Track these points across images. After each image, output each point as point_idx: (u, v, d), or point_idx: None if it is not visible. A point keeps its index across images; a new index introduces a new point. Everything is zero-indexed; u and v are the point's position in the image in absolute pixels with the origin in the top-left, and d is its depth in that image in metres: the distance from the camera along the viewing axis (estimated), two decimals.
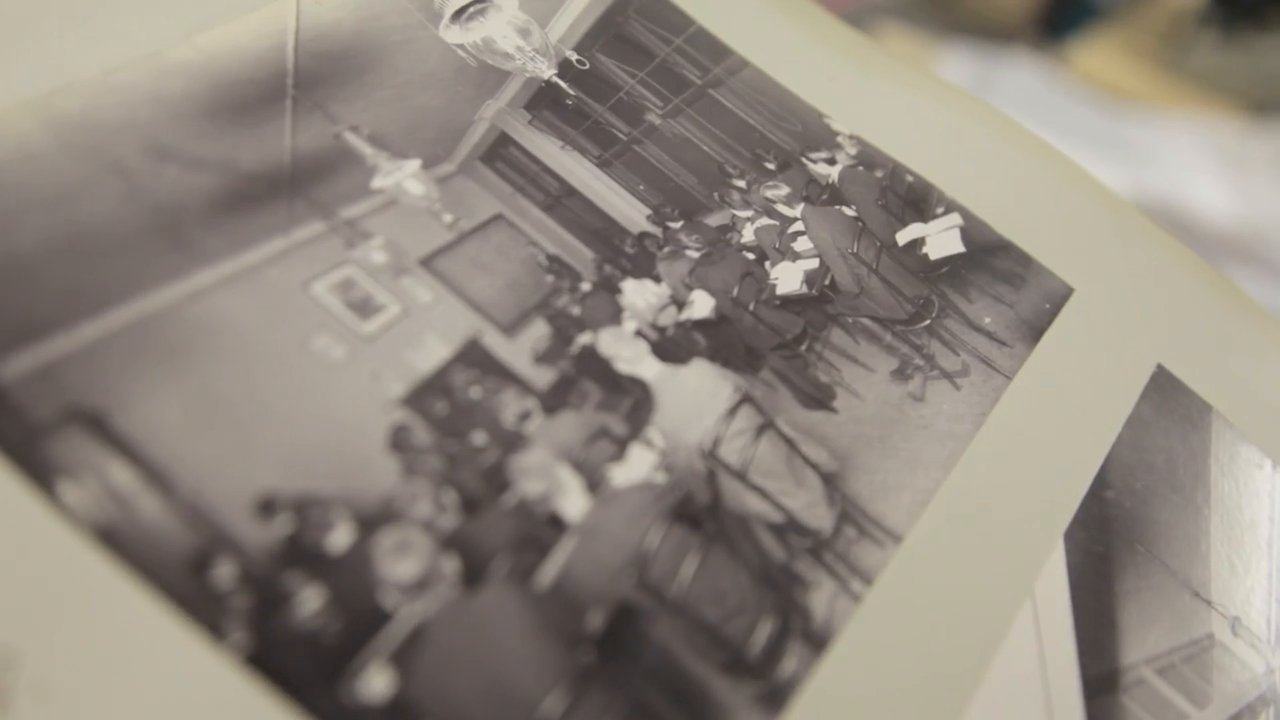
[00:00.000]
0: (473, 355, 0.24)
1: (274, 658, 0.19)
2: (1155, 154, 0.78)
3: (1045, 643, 0.25)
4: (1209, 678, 0.27)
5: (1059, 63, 0.76)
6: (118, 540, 0.19)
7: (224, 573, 0.20)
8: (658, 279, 0.28)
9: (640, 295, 0.27)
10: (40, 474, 0.20)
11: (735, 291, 0.28)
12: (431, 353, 0.24)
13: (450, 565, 0.21)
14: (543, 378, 0.25)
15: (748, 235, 0.30)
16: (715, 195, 0.31)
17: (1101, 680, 0.25)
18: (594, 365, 0.25)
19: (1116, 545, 0.28)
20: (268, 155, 0.25)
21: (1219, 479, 0.30)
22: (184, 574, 0.19)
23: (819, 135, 0.32)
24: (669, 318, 0.27)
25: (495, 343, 0.25)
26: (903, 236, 0.32)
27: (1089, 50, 0.78)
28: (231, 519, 0.20)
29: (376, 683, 0.19)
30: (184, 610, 0.19)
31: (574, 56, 0.30)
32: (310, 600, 0.20)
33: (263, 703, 0.18)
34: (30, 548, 0.19)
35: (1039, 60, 0.76)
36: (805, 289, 0.30)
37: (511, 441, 0.23)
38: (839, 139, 0.33)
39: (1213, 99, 0.78)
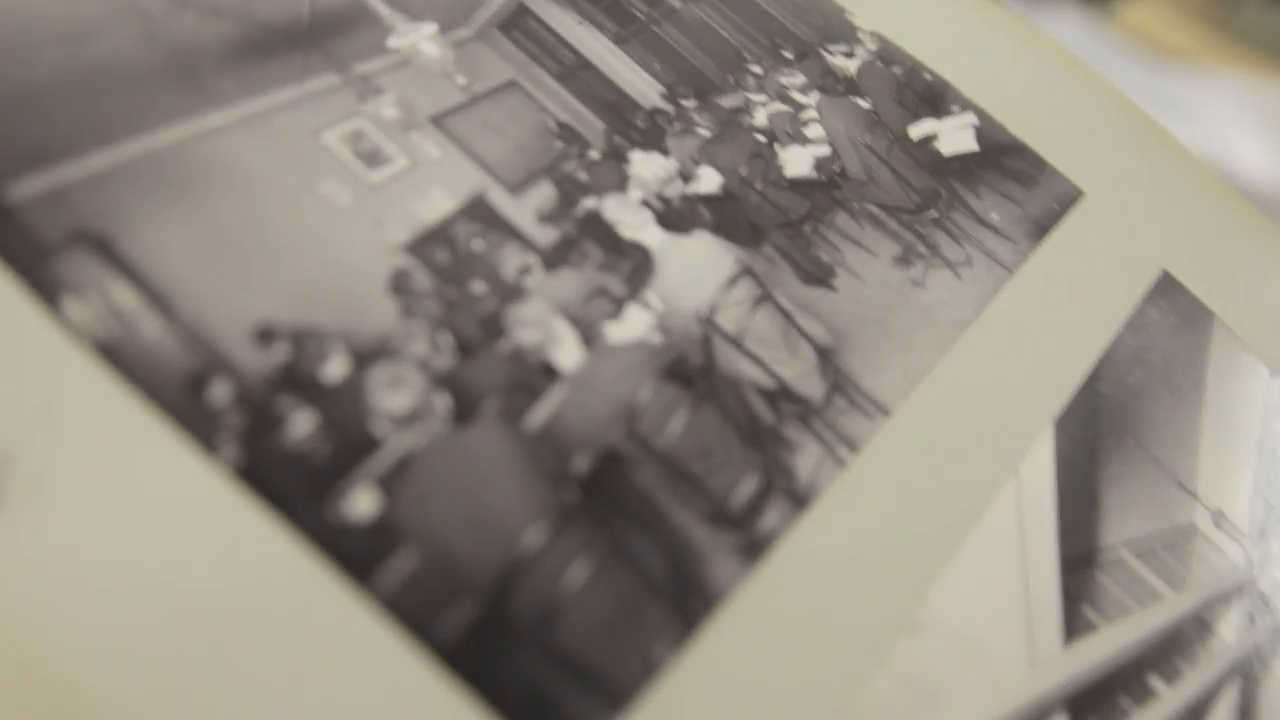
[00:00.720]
0: (477, 210, 0.25)
1: (263, 473, 0.20)
2: (1199, 112, 0.77)
3: (1026, 519, 0.25)
4: (1187, 564, 0.27)
5: (1105, 16, 0.75)
6: (117, 356, 0.20)
7: (219, 392, 0.20)
8: (666, 153, 0.28)
9: (648, 167, 0.28)
10: (45, 289, 0.20)
11: (743, 170, 0.29)
12: (436, 205, 0.25)
13: (442, 402, 0.22)
14: (545, 236, 0.25)
15: (760, 119, 0.30)
16: (730, 79, 0.31)
17: (1079, 558, 0.26)
18: (597, 229, 0.26)
19: (1105, 435, 0.28)
20: (286, 8, 0.26)
21: (1215, 382, 0.30)
22: (180, 391, 0.20)
23: (839, 29, 0.33)
24: (675, 190, 0.27)
25: (500, 200, 0.25)
26: (916, 131, 0.32)
27: (1136, 4, 0.77)
28: (230, 344, 0.21)
29: (362, 503, 0.20)
30: (178, 423, 0.20)
31: None
32: (302, 423, 0.20)
33: (250, 514, 0.19)
34: (31, 357, 0.20)
35: (1085, 12, 0.76)
36: (814, 174, 0.30)
37: (510, 292, 0.24)
38: (859, 34, 0.33)
39: (1260, 58, 0.77)
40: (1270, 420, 0.30)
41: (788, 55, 0.32)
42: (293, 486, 0.20)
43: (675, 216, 0.27)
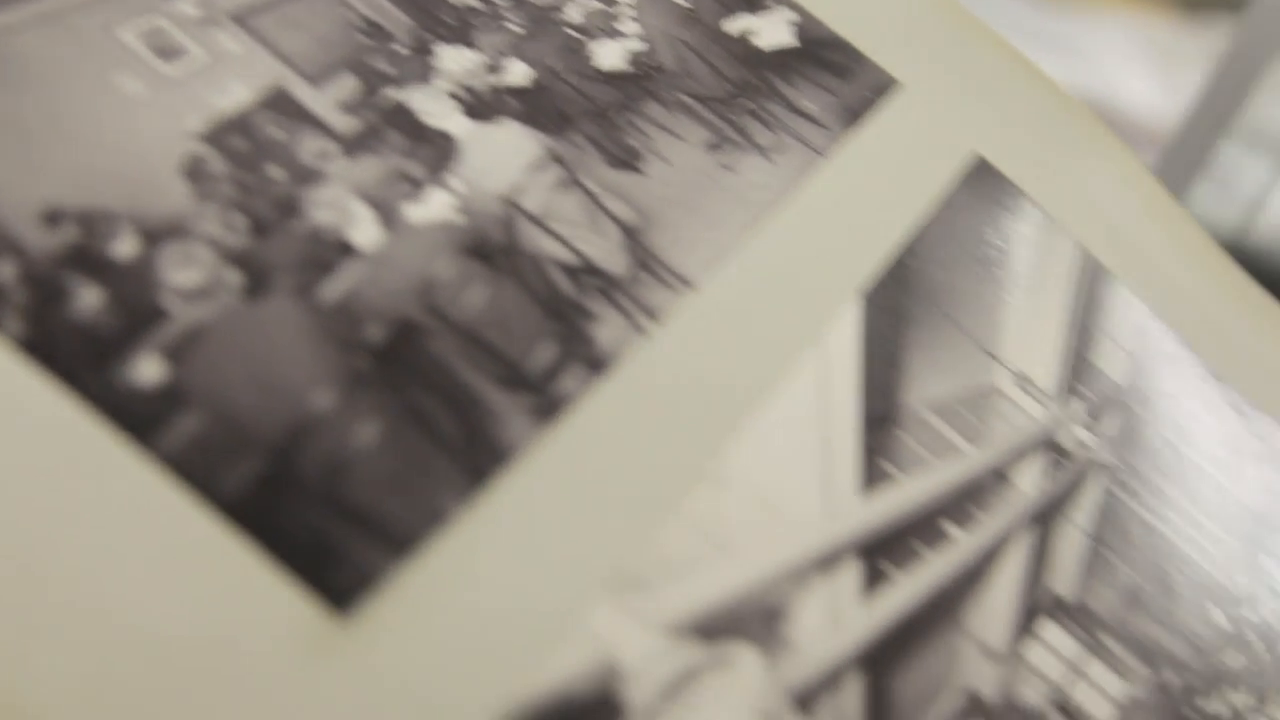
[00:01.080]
0: (276, 101, 0.26)
1: (49, 344, 0.20)
2: (1086, 49, 0.79)
3: (828, 382, 0.27)
4: (988, 421, 0.28)
5: None
6: None
7: (4, 272, 0.21)
8: (474, 46, 0.29)
9: (455, 60, 0.28)
10: None
11: (553, 63, 0.30)
12: (234, 96, 0.25)
13: (233, 277, 0.22)
14: (346, 125, 0.26)
15: (574, 15, 0.31)
16: None
17: (879, 417, 0.27)
18: (400, 118, 0.26)
19: (912, 305, 0.29)
20: None
21: (1024, 257, 0.32)
22: None
23: None
24: (482, 81, 0.28)
25: (301, 91, 0.26)
26: (733, 26, 0.33)
27: None
28: (16, 226, 0.21)
29: (148, 370, 0.20)
30: None
31: None
32: (89, 298, 0.21)
33: (35, 382, 0.20)
34: None
35: None
36: (627, 67, 0.31)
37: (307, 176, 0.24)
38: None
39: None
40: (1077, 293, 0.32)
41: None
42: (78, 355, 0.20)
43: (482, 106, 0.28)
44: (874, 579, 0.24)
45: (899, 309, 0.29)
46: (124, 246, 0.22)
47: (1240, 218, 0.54)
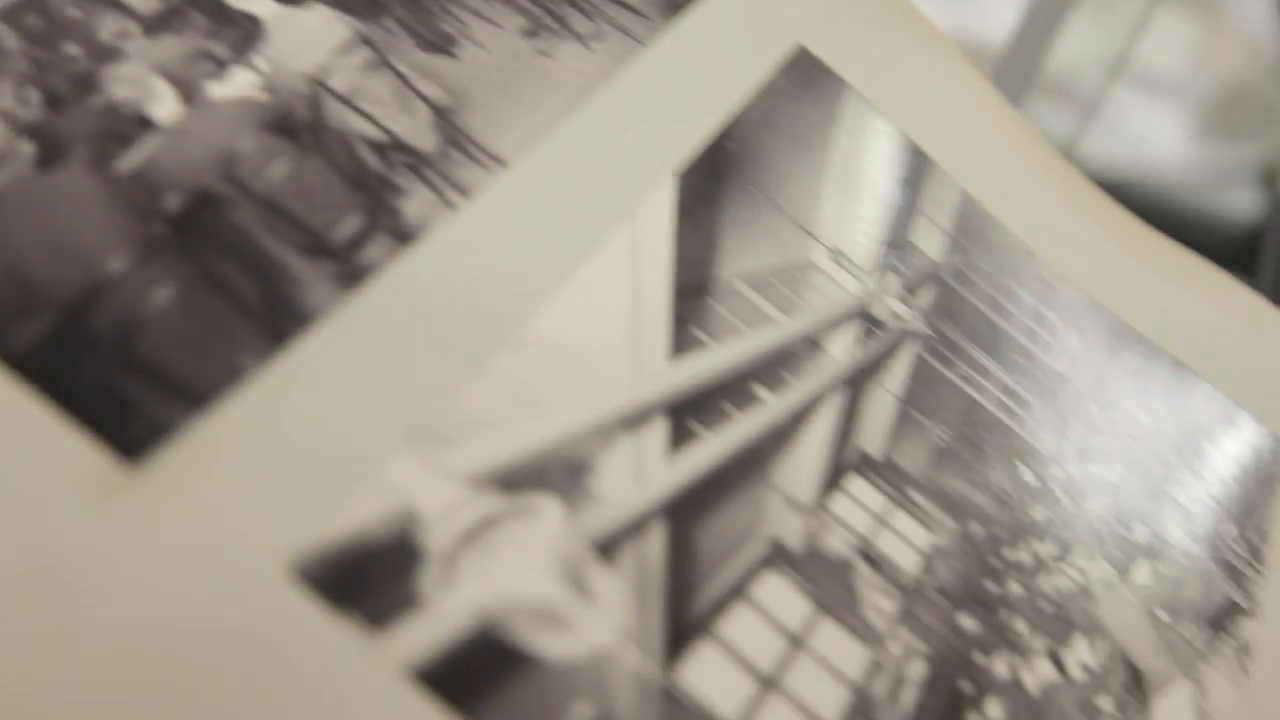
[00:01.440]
0: None
1: None
2: None
3: (640, 256, 0.27)
4: (801, 294, 0.29)
5: None
6: None
7: None
8: None
9: None
10: None
11: None
12: None
13: (26, 148, 0.22)
14: (147, 6, 0.26)
15: None
16: None
17: (693, 288, 0.27)
18: (204, 1, 0.27)
19: (729, 185, 0.30)
20: None
21: (844, 142, 0.32)
22: None
23: None
24: None
25: None
26: None
27: None
28: None
29: None
30: None
31: None
32: None
33: None
34: None
35: None
36: None
37: (105, 54, 0.24)
38: None
39: None
40: (894, 175, 0.33)
41: None
42: None
43: None
44: (681, 437, 0.25)
45: (715, 189, 0.30)
46: None
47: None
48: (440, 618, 0.20)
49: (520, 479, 0.23)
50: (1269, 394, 0.35)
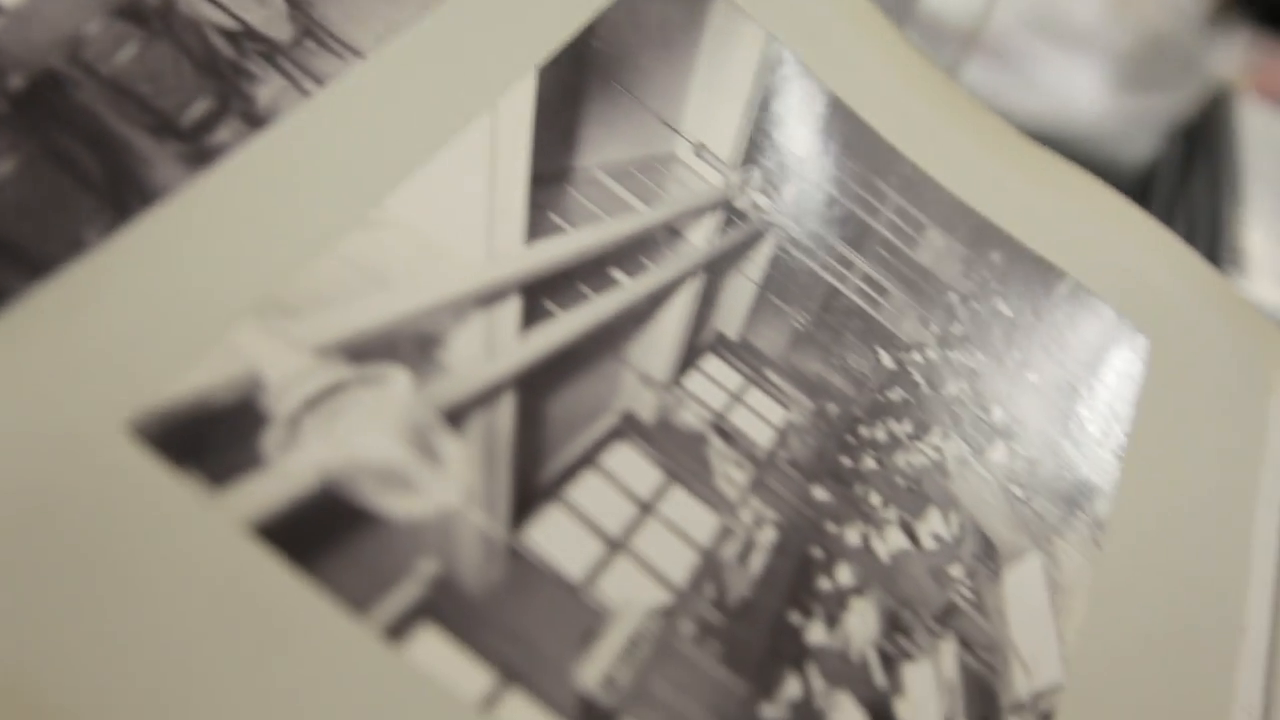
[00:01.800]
0: None
1: None
2: None
3: (499, 145, 0.28)
4: (663, 185, 0.30)
5: None
6: None
7: None
8: None
9: None
10: None
11: None
12: None
13: None
14: None
15: None
16: None
17: (552, 176, 0.28)
18: None
19: (592, 80, 0.30)
20: None
21: (711, 45, 0.33)
22: None
23: None
24: None
25: None
26: None
27: None
28: None
29: None
30: None
31: None
32: None
33: None
34: None
35: None
36: None
37: None
38: None
39: None
40: (760, 76, 0.33)
41: None
42: None
43: None
44: (536, 315, 0.26)
45: (578, 83, 0.30)
46: None
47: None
48: (282, 477, 0.21)
49: (368, 350, 0.23)
50: (1129, 287, 0.36)
